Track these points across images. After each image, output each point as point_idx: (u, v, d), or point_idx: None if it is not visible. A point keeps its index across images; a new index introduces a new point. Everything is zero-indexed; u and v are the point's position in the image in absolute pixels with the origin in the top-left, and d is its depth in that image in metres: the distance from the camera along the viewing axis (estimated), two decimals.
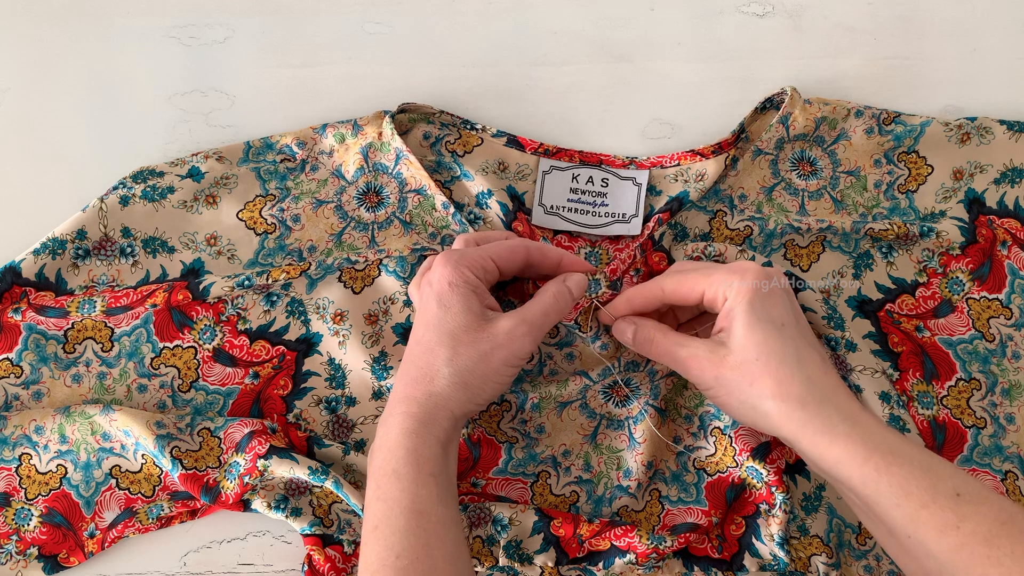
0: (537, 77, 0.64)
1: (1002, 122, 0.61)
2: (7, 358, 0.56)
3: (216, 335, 0.57)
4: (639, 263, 0.57)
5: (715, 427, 0.56)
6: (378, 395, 0.57)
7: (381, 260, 0.58)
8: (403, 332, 0.58)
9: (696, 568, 0.55)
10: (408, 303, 0.58)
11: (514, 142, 0.61)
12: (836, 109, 0.60)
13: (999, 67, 0.64)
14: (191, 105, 0.64)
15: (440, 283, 0.50)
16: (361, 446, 0.57)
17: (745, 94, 0.63)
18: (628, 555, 0.53)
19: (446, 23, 0.65)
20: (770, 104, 0.62)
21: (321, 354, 0.58)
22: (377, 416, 0.57)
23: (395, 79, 0.64)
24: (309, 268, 0.57)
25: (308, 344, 0.58)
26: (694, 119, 0.63)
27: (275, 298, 0.58)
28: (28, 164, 0.63)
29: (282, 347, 0.58)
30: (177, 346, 0.57)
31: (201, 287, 0.57)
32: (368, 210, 0.60)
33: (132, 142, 0.63)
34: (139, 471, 0.56)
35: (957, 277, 0.59)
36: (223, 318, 0.57)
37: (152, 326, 0.57)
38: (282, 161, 0.61)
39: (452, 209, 0.59)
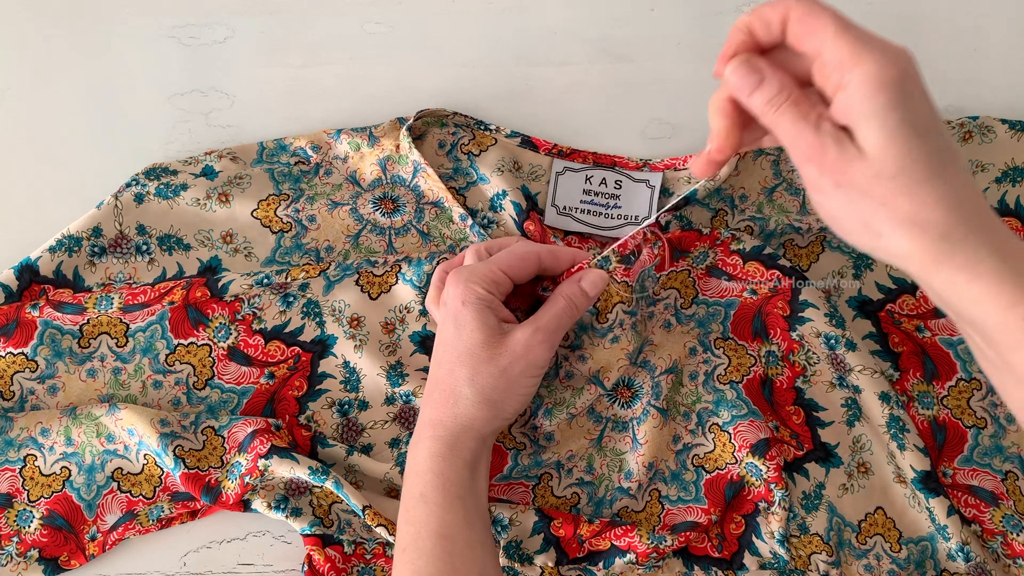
0: (537, 77, 0.64)
1: (1004, 121, 0.61)
2: (22, 353, 0.56)
3: (231, 334, 0.57)
4: (658, 236, 0.57)
5: (713, 423, 0.57)
6: (390, 401, 0.57)
7: (400, 267, 0.58)
8: (420, 340, 0.58)
9: (696, 567, 0.55)
10: (424, 312, 0.58)
11: (528, 143, 0.61)
12: None
13: (999, 67, 0.64)
14: (191, 105, 0.64)
15: (453, 303, 0.50)
16: (368, 450, 0.57)
17: None
18: (628, 555, 0.53)
19: (446, 23, 0.65)
20: None
21: (336, 356, 0.58)
22: (387, 421, 0.57)
23: (395, 79, 0.64)
24: (328, 268, 0.58)
25: (323, 346, 0.58)
26: (694, 119, 0.63)
27: (292, 299, 0.58)
28: (28, 163, 0.63)
29: (297, 348, 0.58)
30: (192, 343, 0.57)
31: (220, 284, 0.57)
32: (384, 215, 0.60)
33: (132, 142, 0.63)
34: (140, 472, 0.56)
35: None
36: (238, 317, 0.57)
37: (167, 323, 0.57)
38: (296, 163, 0.61)
39: (470, 221, 0.59)
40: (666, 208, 0.59)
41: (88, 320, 0.57)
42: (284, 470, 0.53)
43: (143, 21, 0.65)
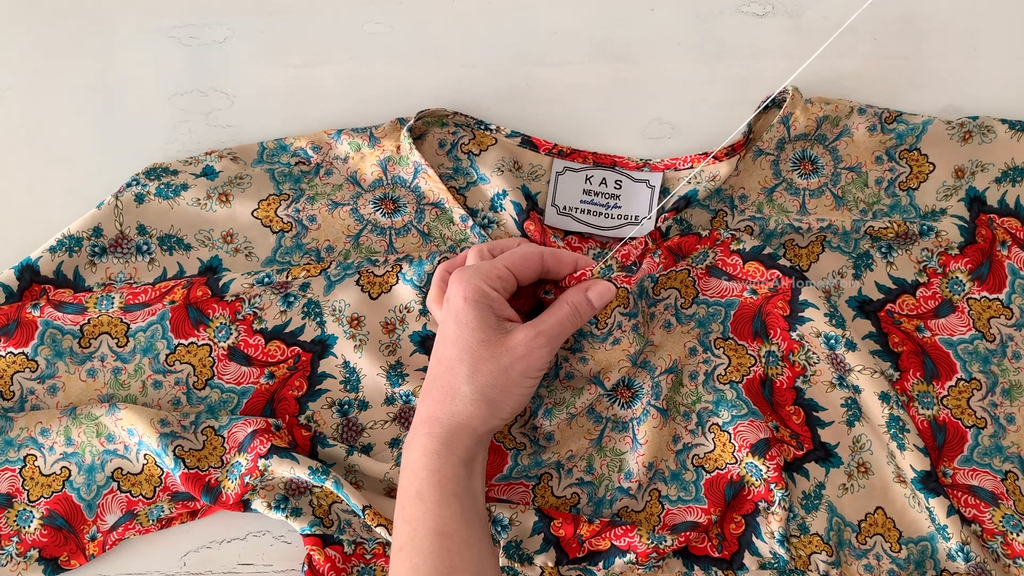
0: (537, 77, 0.64)
1: (1004, 121, 0.61)
2: (23, 352, 0.56)
3: (231, 334, 0.57)
4: (658, 246, 0.57)
5: (713, 423, 0.57)
6: (390, 401, 0.57)
7: (401, 267, 0.58)
8: (420, 340, 0.58)
9: (696, 567, 0.55)
10: (424, 312, 0.58)
11: (528, 143, 0.61)
12: (838, 107, 0.60)
13: (999, 67, 0.64)
14: (191, 105, 0.64)
15: (456, 299, 0.50)
16: (368, 450, 0.57)
17: (745, 94, 0.63)
18: (628, 555, 0.53)
19: (446, 23, 0.65)
20: (772, 103, 0.62)
21: (336, 356, 0.58)
22: (387, 421, 0.57)
23: (395, 79, 0.64)
24: (329, 267, 0.58)
25: (323, 346, 0.58)
26: (694, 119, 0.63)
27: (292, 299, 0.58)
28: (28, 164, 0.63)
29: (297, 348, 0.58)
30: (192, 343, 0.57)
31: (220, 283, 0.57)
32: (385, 215, 0.60)
33: (132, 142, 0.63)
34: (140, 472, 0.56)
35: (957, 277, 0.59)
36: (239, 317, 0.57)
37: (168, 323, 0.57)
38: (296, 164, 0.61)
39: (470, 222, 0.59)
40: (664, 203, 0.59)
41: (89, 320, 0.57)
42: (284, 470, 0.53)
43: (143, 21, 0.65)
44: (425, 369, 0.57)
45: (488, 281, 0.51)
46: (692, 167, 0.60)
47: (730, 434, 0.56)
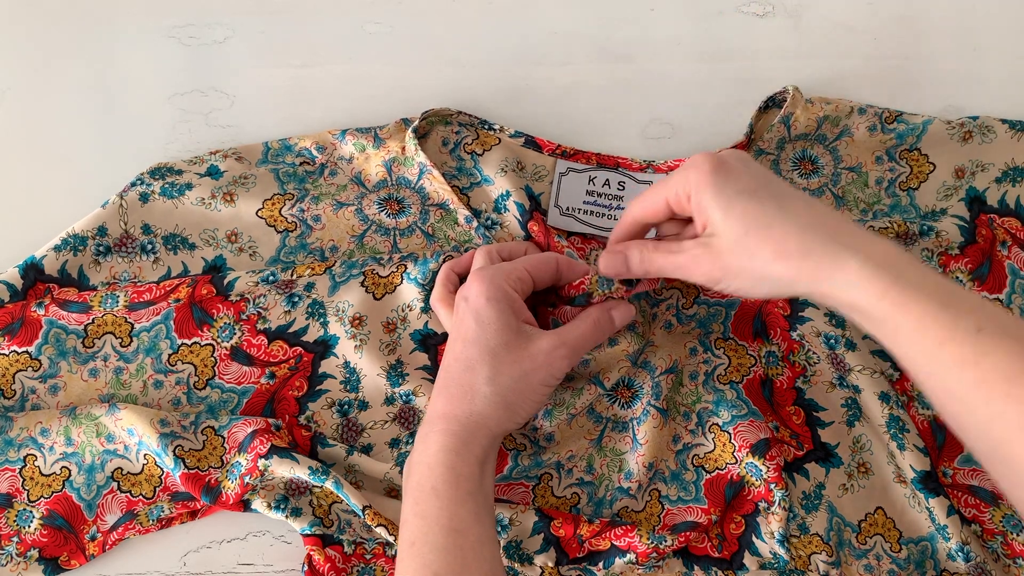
0: (537, 77, 0.64)
1: (1004, 121, 0.61)
2: (26, 351, 0.56)
3: (235, 333, 0.57)
4: None
5: (713, 423, 0.57)
6: (390, 401, 0.57)
7: (406, 267, 0.58)
8: (421, 339, 0.58)
9: (696, 567, 0.55)
10: (425, 309, 0.58)
11: (531, 143, 0.61)
12: (839, 107, 0.60)
13: (999, 67, 0.64)
14: (191, 105, 0.64)
15: (477, 299, 0.51)
16: (368, 450, 0.57)
17: (745, 94, 0.63)
18: (628, 555, 0.53)
19: (446, 23, 0.65)
20: (772, 103, 0.62)
21: (337, 356, 0.57)
22: (387, 421, 0.57)
23: (395, 79, 0.64)
24: (333, 266, 0.57)
25: (325, 346, 0.58)
26: (694, 119, 0.63)
27: (297, 299, 0.58)
28: (28, 164, 0.63)
29: (299, 348, 0.58)
30: (195, 343, 0.57)
31: (225, 282, 0.57)
32: (389, 216, 0.60)
33: (132, 142, 0.63)
34: (140, 472, 0.56)
35: (957, 277, 0.59)
36: (243, 316, 0.57)
37: (172, 322, 0.57)
38: (301, 164, 0.61)
39: (475, 223, 0.59)
40: None
41: (93, 320, 0.57)
42: (284, 470, 0.53)
43: (143, 21, 0.65)
44: (425, 368, 0.57)
45: (509, 282, 0.51)
46: None
47: (730, 434, 0.56)
